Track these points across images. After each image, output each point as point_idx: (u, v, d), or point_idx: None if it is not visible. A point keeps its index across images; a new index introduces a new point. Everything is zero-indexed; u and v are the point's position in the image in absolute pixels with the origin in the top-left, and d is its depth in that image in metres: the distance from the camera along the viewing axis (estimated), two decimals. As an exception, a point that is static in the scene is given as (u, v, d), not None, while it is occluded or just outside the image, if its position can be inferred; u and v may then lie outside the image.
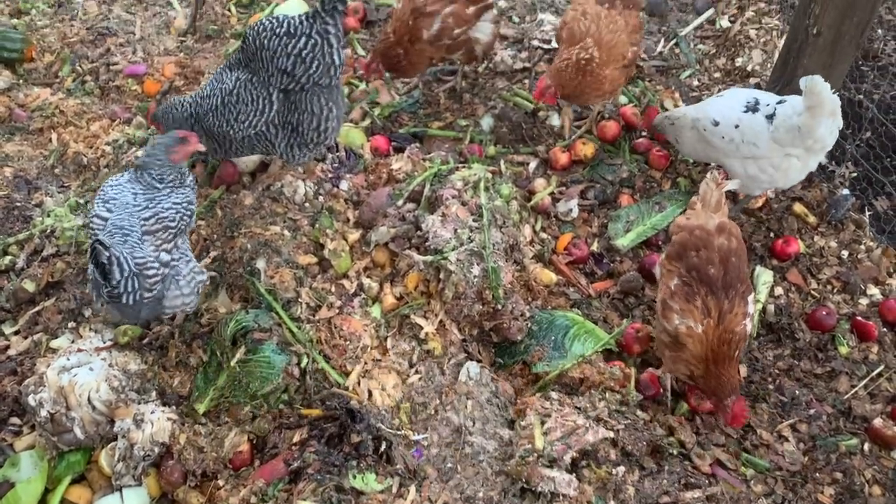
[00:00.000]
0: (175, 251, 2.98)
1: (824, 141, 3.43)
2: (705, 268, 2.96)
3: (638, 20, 3.88)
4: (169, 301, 2.97)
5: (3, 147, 4.24)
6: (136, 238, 2.87)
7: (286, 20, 3.22)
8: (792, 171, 3.58)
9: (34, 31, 5.02)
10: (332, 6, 3.17)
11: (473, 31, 4.18)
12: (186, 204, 3.06)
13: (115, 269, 2.67)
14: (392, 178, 3.87)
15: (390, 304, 3.35)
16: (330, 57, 3.26)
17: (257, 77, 3.31)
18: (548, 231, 3.80)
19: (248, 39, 3.28)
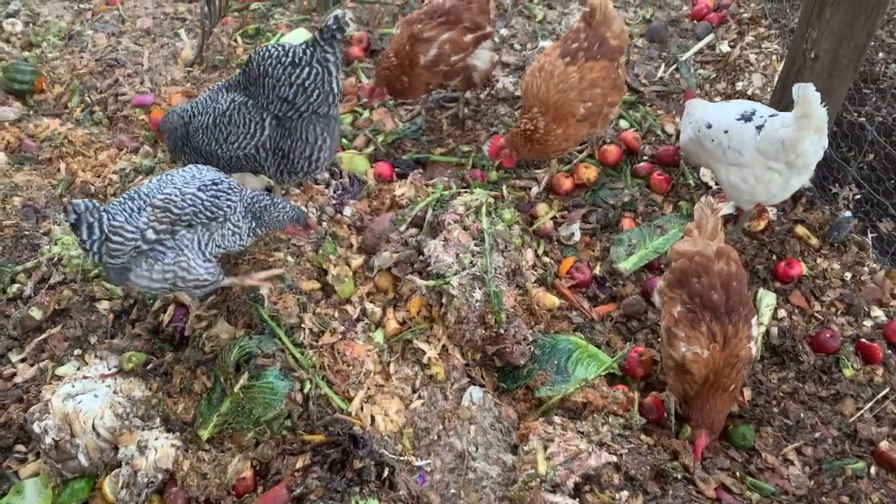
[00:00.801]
0: (172, 241, 2.92)
1: (807, 157, 3.44)
2: (708, 293, 2.97)
3: (604, 72, 3.77)
4: (134, 276, 2.93)
5: (13, 177, 4.31)
6: (138, 206, 2.89)
7: (291, 49, 3.26)
8: (772, 186, 3.58)
9: (45, 63, 5.12)
10: (331, 35, 3.21)
11: (471, 59, 4.24)
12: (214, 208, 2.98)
13: (83, 230, 2.75)
14: (395, 203, 3.90)
15: (393, 329, 3.36)
16: (329, 85, 3.30)
17: (253, 101, 3.34)
18: (550, 255, 3.82)
19: (252, 64, 3.32)
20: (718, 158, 3.68)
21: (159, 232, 2.87)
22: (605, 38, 3.76)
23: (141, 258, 2.90)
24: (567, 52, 3.76)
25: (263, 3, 5.77)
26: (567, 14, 5.55)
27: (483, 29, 4.22)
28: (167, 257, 2.92)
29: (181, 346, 3.34)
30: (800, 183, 3.60)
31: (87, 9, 5.82)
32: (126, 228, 2.82)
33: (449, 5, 4.20)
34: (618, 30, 3.83)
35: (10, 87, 4.85)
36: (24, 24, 5.55)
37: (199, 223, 2.95)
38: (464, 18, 4.17)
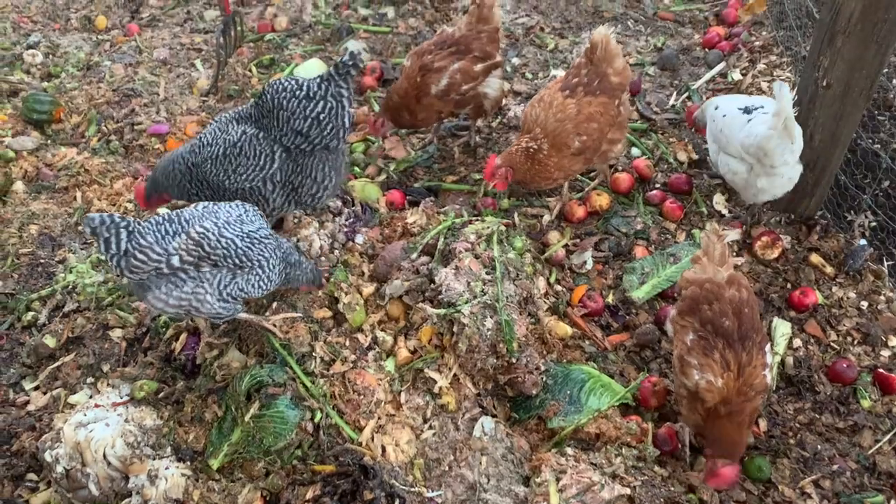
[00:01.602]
0: (194, 272, 2.92)
1: (773, 158, 3.59)
2: (720, 320, 2.94)
3: (602, 107, 3.78)
4: (151, 296, 2.93)
5: (30, 205, 4.37)
6: (174, 230, 2.89)
7: (305, 83, 3.29)
8: (738, 178, 3.82)
9: (63, 94, 5.20)
10: (346, 71, 3.25)
11: (482, 87, 4.27)
12: (245, 258, 2.98)
13: (102, 243, 2.77)
14: (407, 231, 3.91)
15: (404, 357, 3.35)
16: (342, 119, 3.34)
17: (265, 133, 3.37)
18: (562, 283, 3.81)
19: (266, 97, 3.34)
20: (713, 138, 4.01)
21: (185, 262, 2.87)
22: (606, 75, 3.79)
23: (161, 280, 2.90)
24: (567, 86, 3.80)
25: (278, 33, 5.85)
26: (578, 43, 5.58)
27: (493, 58, 4.26)
28: (186, 286, 2.92)
29: (193, 374, 3.34)
30: (767, 188, 3.76)
31: (106, 40, 5.92)
32: (154, 249, 2.82)
33: (459, 36, 4.25)
34: (619, 67, 3.84)
35: (29, 116, 4.93)
36: (44, 55, 5.66)
37: (225, 266, 2.95)
38: (474, 48, 4.21)
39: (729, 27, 5.66)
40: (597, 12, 5.93)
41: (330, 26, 5.87)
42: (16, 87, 5.27)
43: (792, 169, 3.71)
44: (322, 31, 5.86)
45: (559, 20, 5.88)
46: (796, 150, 3.64)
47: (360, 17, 6.01)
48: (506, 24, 5.82)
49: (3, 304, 3.80)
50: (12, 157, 4.67)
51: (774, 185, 3.75)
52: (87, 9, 6.23)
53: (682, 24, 5.83)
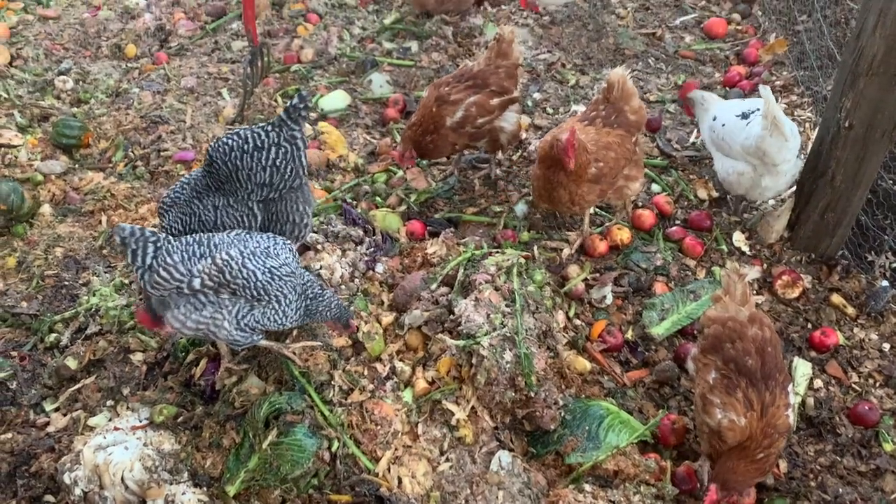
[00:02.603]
0: (215, 298, 2.93)
1: (773, 157, 3.86)
2: (743, 359, 2.93)
3: (620, 139, 3.82)
4: (171, 315, 2.95)
5: (57, 228, 4.43)
6: (201, 252, 2.90)
7: (248, 135, 3.17)
8: (744, 179, 4.07)
9: (92, 119, 5.30)
10: (298, 114, 3.16)
11: (499, 121, 4.32)
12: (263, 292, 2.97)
13: (129, 253, 2.81)
14: (427, 261, 3.93)
15: (422, 388, 3.35)
16: (299, 160, 3.24)
17: (234, 197, 3.26)
18: (581, 317, 3.80)
19: (217, 163, 3.20)
20: (715, 147, 4.25)
21: (205, 286, 2.89)
22: (623, 111, 3.86)
23: (182, 300, 2.92)
24: (586, 118, 3.89)
25: (304, 65, 5.95)
26: (599, 80, 5.63)
27: (510, 93, 4.31)
28: (206, 310, 2.95)
29: (212, 399, 3.36)
30: (771, 186, 4.04)
31: (135, 68, 6.04)
32: (178, 269, 2.84)
33: (477, 70, 4.31)
34: (636, 105, 3.91)
35: (58, 141, 5.02)
36: (75, 81, 5.77)
37: (243, 296, 2.97)
38: (490, 83, 4.27)
39: (750, 66, 5.70)
40: (618, 50, 5.99)
41: (355, 59, 5.97)
42: (46, 112, 5.37)
43: (793, 166, 4.00)
44: (347, 63, 5.96)
45: (580, 57, 5.95)
46: (793, 147, 3.88)
47: (384, 51, 6.11)
48: (528, 59, 5.89)
49: (27, 325, 3.84)
50: (41, 180, 4.75)
51: (778, 182, 4.04)
52: (117, 37, 6.36)
53: (702, 63, 5.88)
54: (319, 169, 4.81)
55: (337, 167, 4.89)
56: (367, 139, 5.20)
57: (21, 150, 4.93)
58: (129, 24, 6.53)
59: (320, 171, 4.81)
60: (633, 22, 6.41)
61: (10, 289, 4.06)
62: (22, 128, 5.16)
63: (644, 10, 6.60)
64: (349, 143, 5.11)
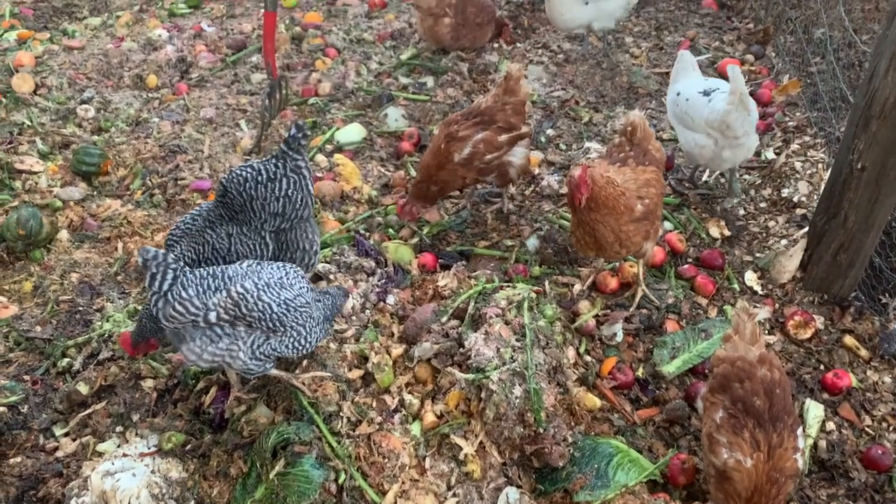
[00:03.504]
0: (231, 331, 2.95)
1: (735, 130, 4.19)
2: (751, 399, 2.91)
3: (656, 175, 3.81)
4: (186, 348, 2.97)
5: (73, 253, 4.49)
6: (216, 285, 2.92)
7: (260, 167, 3.28)
8: (706, 151, 4.38)
9: (112, 147, 5.40)
10: (297, 143, 3.26)
11: (507, 156, 4.36)
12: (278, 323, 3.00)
13: (148, 276, 2.82)
14: (438, 294, 3.94)
15: (430, 422, 3.34)
16: (307, 189, 3.35)
17: (247, 227, 3.33)
18: (592, 354, 3.79)
19: (231, 193, 3.28)
20: (678, 121, 4.55)
21: (221, 319, 2.91)
22: (649, 150, 3.87)
23: (197, 332, 2.94)
24: (615, 160, 3.83)
25: (321, 98, 6.05)
26: (613, 117, 5.69)
27: (518, 129, 4.36)
28: (221, 342, 2.96)
29: (220, 428, 3.36)
30: (730, 157, 4.38)
31: (155, 98, 6.16)
32: (193, 303, 2.87)
33: (484, 107, 4.37)
34: (657, 144, 3.95)
35: (78, 168, 5.11)
36: (96, 110, 5.90)
37: (260, 329, 2.99)
38: (498, 119, 4.32)
39: (763, 107, 5.72)
40: (632, 88, 6.05)
41: (371, 93, 6.06)
42: (68, 140, 5.48)
43: (751, 139, 4.39)
44: (363, 97, 6.05)
45: (594, 94, 6.01)
46: (753, 120, 4.29)
47: (400, 86, 6.20)
48: (542, 96, 5.96)
49: (41, 350, 3.87)
50: (59, 206, 4.83)
51: (737, 154, 4.40)
52: (139, 68, 6.51)
53: (715, 102, 5.91)
54: (334, 200, 4.86)
55: (351, 199, 4.94)
56: (381, 172, 5.26)
57: (42, 177, 5.03)
58: (151, 55, 6.68)
59: (334, 202, 4.86)
60: (647, 61, 6.49)
61: (25, 313, 4.11)
62: (43, 154, 5.27)
63: (658, 49, 6.67)
64: (364, 175, 5.17)
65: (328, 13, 7.60)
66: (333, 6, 7.77)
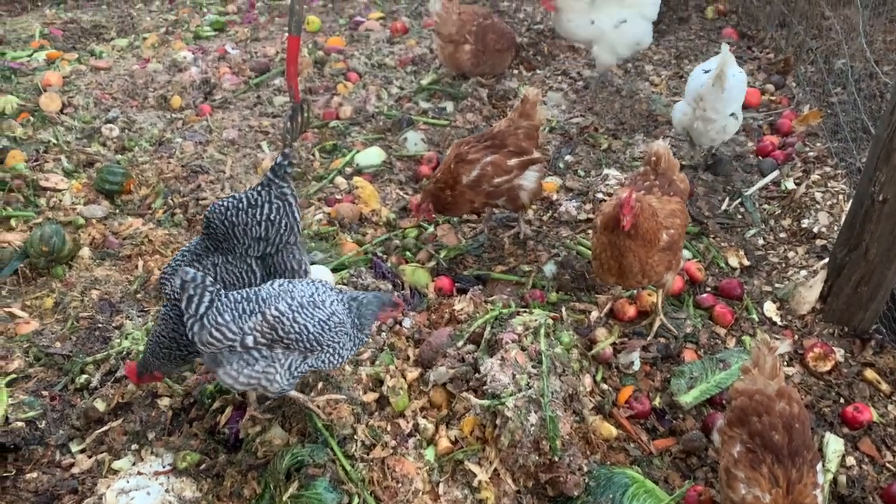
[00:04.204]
0: (268, 353, 2.97)
1: (707, 104, 4.74)
2: (769, 434, 2.87)
3: (681, 206, 3.81)
4: (222, 371, 2.98)
5: (94, 271, 4.54)
6: (251, 309, 2.94)
7: (242, 196, 3.32)
8: (684, 118, 4.97)
9: (135, 167, 5.48)
10: (283, 171, 3.30)
11: (518, 180, 4.36)
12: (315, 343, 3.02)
13: (185, 298, 2.84)
14: (454, 318, 3.94)
15: (445, 447, 3.32)
16: (292, 215, 3.36)
17: (232, 255, 3.35)
18: (609, 382, 3.76)
19: (213, 223, 3.31)
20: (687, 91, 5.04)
21: (258, 343, 2.93)
22: (674, 181, 3.86)
23: (234, 356, 2.95)
24: (640, 188, 3.82)
25: (342, 121, 6.11)
26: (632, 144, 5.69)
27: (529, 154, 4.37)
28: (258, 364, 2.98)
29: (235, 448, 3.36)
30: (702, 129, 4.91)
31: (179, 118, 6.25)
32: (230, 328, 2.88)
33: (497, 130, 4.41)
34: (682, 175, 3.94)
35: (101, 186, 5.18)
36: (121, 129, 5.99)
37: (297, 350, 3.01)
38: (508, 143, 4.34)
39: (783, 137, 5.72)
40: (651, 116, 6.06)
41: (392, 117, 6.11)
42: (92, 158, 5.57)
43: (725, 120, 4.85)
44: (384, 121, 6.11)
45: (613, 121, 6.03)
46: (728, 101, 4.74)
47: (420, 110, 6.26)
48: (560, 122, 5.99)
49: (59, 366, 3.91)
50: (82, 223, 4.89)
51: (708, 129, 4.89)
52: (164, 89, 6.61)
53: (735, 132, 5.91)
54: (352, 222, 4.89)
55: (369, 221, 4.97)
56: (399, 195, 5.29)
57: (66, 194, 5.10)
58: (175, 76, 6.80)
59: (353, 224, 4.89)
60: (667, 89, 6.50)
61: (45, 328, 4.15)
62: (68, 172, 5.35)
63: (678, 77, 6.69)
64: (382, 197, 5.20)
65: (350, 38, 7.71)
66: (356, 31, 7.88)
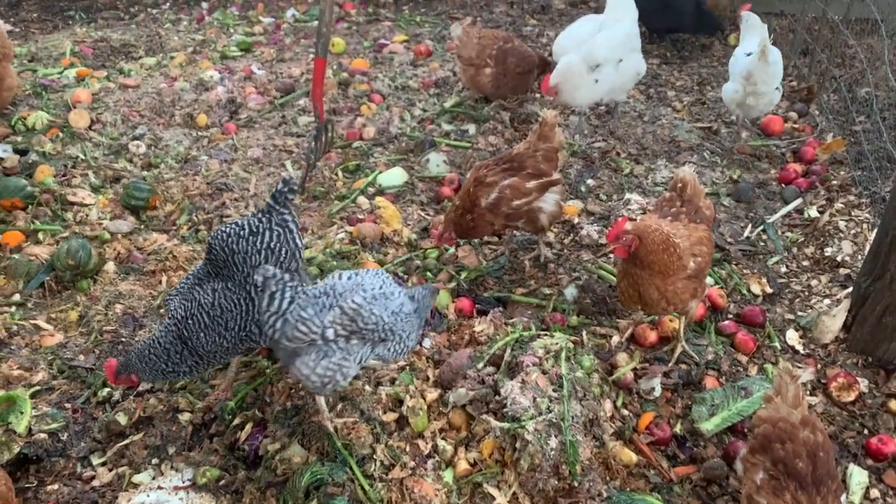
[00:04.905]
0: (345, 344, 3.09)
1: (757, 78, 5.41)
2: (793, 461, 2.84)
3: (708, 234, 3.79)
4: (300, 362, 3.08)
5: (118, 285, 4.60)
6: (330, 303, 3.06)
7: (245, 222, 3.35)
8: (737, 96, 5.62)
9: (161, 183, 5.55)
10: (284, 198, 3.33)
11: (538, 202, 4.36)
12: (390, 332, 3.16)
13: (266, 297, 2.94)
14: (474, 339, 3.94)
15: (463, 469, 3.31)
16: (293, 242, 3.39)
17: (232, 282, 3.38)
18: (629, 408, 3.74)
19: (215, 249, 3.35)
20: (731, 74, 5.73)
21: (338, 336, 3.04)
22: (700, 208, 3.84)
23: (312, 348, 3.06)
24: (667, 215, 3.81)
25: (365, 142, 6.17)
26: (654, 170, 5.70)
27: (548, 176, 4.37)
28: (335, 356, 3.09)
29: (254, 465, 3.37)
30: (753, 104, 5.59)
31: (205, 136, 6.34)
32: (314, 322, 3.00)
33: (515, 153, 4.42)
34: (708, 202, 3.92)
35: (127, 202, 5.26)
36: (147, 146, 6.08)
37: (370, 340, 3.14)
38: (527, 165, 4.34)
39: (806, 164, 5.71)
40: (673, 141, 6.07)
41: (414, 138, 6.16)
42: (119, 174, 5.65)
43: (772, 93, 5.53)
44: (406, 142, 6.16)
45: (635, 146, 6.04)
46: (773, 73, 5.42)
47: (442, 132, 6.30)
48: (582, 146, 6.01)
49: (83, 379, 3.94)
50: (108, 238, 4.96)
51: (759, 103, 5.56)
52: (190, 107, 6.71)
53: (758, 159, 5.91)
54: (374, 242, 4.92)
55: (391, 241, 4.99)
56: (421, 215, 5.31)
57: (92, 209, 5.18)
58: (202, 95, 6.90)
59: (374, 243, 4.92)
60: (689, 115, 6.51)
61: (70, 341, 4.20)
62: (95, 188, 5.44)
63: (700, 104, 6.71)
64: (404, 218, 5.23)
65: (375, 60, 7.80)
66: (380, 54, 7.98)
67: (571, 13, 9.01)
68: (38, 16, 9.64)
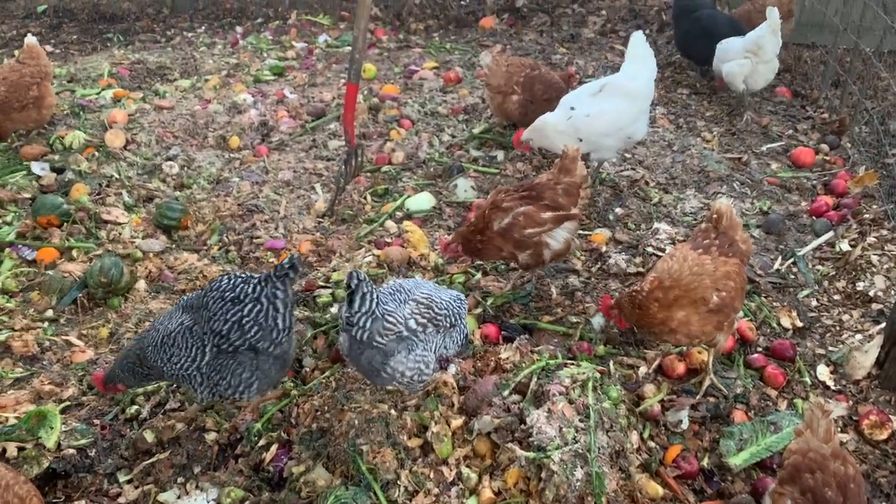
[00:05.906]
0: (424, 336, 3.37)
1: (766, 50, 6.43)
2: (822, 491, 2.77)
3: (738, 268, 3.73)
4: (394, 361, 3.30)
5: (149, 303, 4.66)
6: (404, 298, 3.39)
7: (240, 285, 3.30)
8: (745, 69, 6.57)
9: (193, 203, 5.64)
10: (284, 273, 3.25)
11: (547, 236, 4.35)
12: (456, 317, 3.51)
13: (357, 300, 3.15)
14: (499, 366, 3.93)
15: (487, 498, 3.29)
16: (273, 321, 3.31)
17: (197, 326, 3.36)
18: (656, 440, 3.69)
19: (204, 290, 3.38)
20: (721, 60, 6.81)
21: (419, 324, 3.32)
22: (735, 241, 3.79)
23: (400, 344, 3.31)
24: (699, 246, 3.78)
25: (394, 166, 6.22)
26: (683, 200, 5.68)
27: (566, 210, 4.36)
28: (418, 349, 3.35)
29: (279, 487, 3.38)
30: (763, 72, 6.53)
31: (237, 158, 6.44)
32: (398, 315, 3.29)
33: (536, 182, 4.43)
34: (745, 235, 3.88)
35: (160, 222, 5.35)
36: (180, 167, 6.19)
37: (442, 326, 3.42)
38: (545, 197, 4.34)
39: (838, 197, 5.65)
40: (703, 171, 6.04)
41: (443, 163, 6.21)
42: (152, 194, 5.76)
43: (774, 60, 6.49)
44: (435, 167, 6.20)
45: (664, 176, 6.02)
46: (776, 43, 6.34)
47: (471, 158, 6.34)
48: (611, 174, 6.00)
49: (111, 396, 3.99)
50: (139, 257, 5.04)
51: (769, 70, 6.52)
52: (223, 129, 6.83)
53: (788, 191, 5.86)
54: (401, 265, 4.94)
55: (417, 265, 5.01)
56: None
57: (125, 228, 5.27)
58: (235, 118, 7.02)
59: (401, 267, 4.94)
60: (719, 146, 6.49)
61: (100, 358, 4.25)
62: (128, 207, 5.54)
63: (730, 135, 6.68)
64: (431, 242, 5.25)
65: (405, 86, 7.89)
66: (410, 80, 8.06)
67: (601, 42, 9.05)
68: (78, 38, 9.89)
